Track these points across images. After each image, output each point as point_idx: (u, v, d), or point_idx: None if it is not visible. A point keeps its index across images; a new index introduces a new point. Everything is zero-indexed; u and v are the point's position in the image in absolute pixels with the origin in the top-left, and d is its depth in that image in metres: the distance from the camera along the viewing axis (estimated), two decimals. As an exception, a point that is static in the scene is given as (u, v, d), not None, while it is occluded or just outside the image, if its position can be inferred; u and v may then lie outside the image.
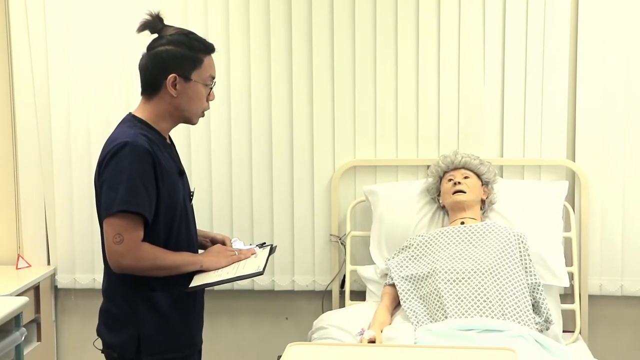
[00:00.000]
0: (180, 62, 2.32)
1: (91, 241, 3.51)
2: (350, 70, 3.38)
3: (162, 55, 2.33)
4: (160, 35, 2.37)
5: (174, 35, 2.36)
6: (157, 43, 2.36)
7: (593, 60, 3.27)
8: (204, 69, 2.37)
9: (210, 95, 2.42)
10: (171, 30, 2.38)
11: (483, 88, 3.34)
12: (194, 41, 2.37)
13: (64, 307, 3.67)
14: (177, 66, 2.32)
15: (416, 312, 2.82)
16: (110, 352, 2.39)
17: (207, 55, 2.39)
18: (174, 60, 2.32)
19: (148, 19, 2.37)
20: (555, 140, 3.32)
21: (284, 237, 3.46)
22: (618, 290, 3.33)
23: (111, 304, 2.38)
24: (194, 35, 2.39)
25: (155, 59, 2.33)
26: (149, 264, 2.27)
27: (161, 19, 2.38)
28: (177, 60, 2.32)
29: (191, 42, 2.36)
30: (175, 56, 2.32)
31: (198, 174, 3.46)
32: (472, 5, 3.31)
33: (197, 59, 2.35)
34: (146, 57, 2.36)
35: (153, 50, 2.35)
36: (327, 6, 3.36)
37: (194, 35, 2.39)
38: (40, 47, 3.47)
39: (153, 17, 2.37)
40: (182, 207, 2.39)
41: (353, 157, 3.43)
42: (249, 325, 3.61)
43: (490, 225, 2.98)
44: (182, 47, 2.33)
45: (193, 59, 2.34)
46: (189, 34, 2.38)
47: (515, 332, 2.56)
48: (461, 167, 3.16)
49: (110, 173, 2.24)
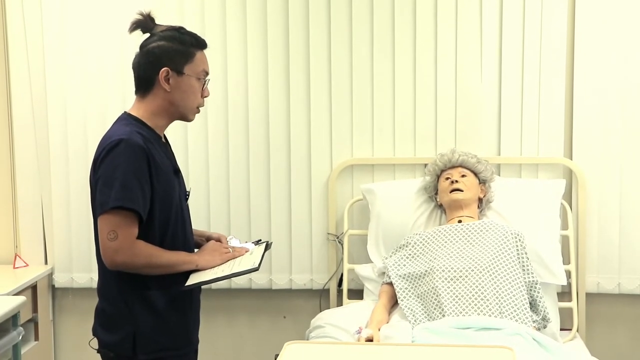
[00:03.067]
0: (172, 56, 2.33)
1: (88, 240, 3.49)
2: (347, 68, 3.38)
3: (154, 51, 2.33)
4: (152, 33, 2.38)
5: (165, 31, 2.37)
6: (149, 40, 2.37)
7: (590, 59, 3.27)
8: (196, 63, 2.37)
9: (205, 91, 2.42)
10: (162, 27, 2.39)
11: (480, 86, 3.34)
12: (185, 36, 2.38)
13: (62, 307, 3.67)
14: (169, 60, 2.32)
15: (414, 310, 2.82)
16: (106, 352, 2.39)
17: (199, 50, 2.39)
18: (166, 55, 2.32)
19: (139, 19, 2.38)
20: (553, 139, 3.32)
21: (281, 235, 3.46)
22: (615, 288, 3.34)
23: (106, 303, 2.37)
24: (185, 30, 2.40)
25: (147, 55, 2.34)
26: (144, 261, 2.26)
27: (152, 18, 2.39)
28: (169, 55, 2.33)
29: (182, 36, 2.37)
30: (167, 51, 2.33)
31: (195, 173, 3.46)
32: (469, 4, 3.31)
33: (189, 52, 2.36)
34: (139, 55, 2.37)
35: (145, 47, 2.36)
36: (324, 4, 3.36)
37: (185, 30, 2.40)
38: (37, 48, 3.47)
39: (144, 16, 2.38)
40: (177, 206, 2.39)
41: (350, 156, 3.43)
42: (246, 323, 3.61)
43: (487, 224, 2.98)
44: (173, 42, 2.34)
45: (185, 52, 2.35)
46: (180, 29, 2.40)
47: (513, 330, 2.56)
48: (458, 166, 3.16)
49: (105, 170, 2.24)
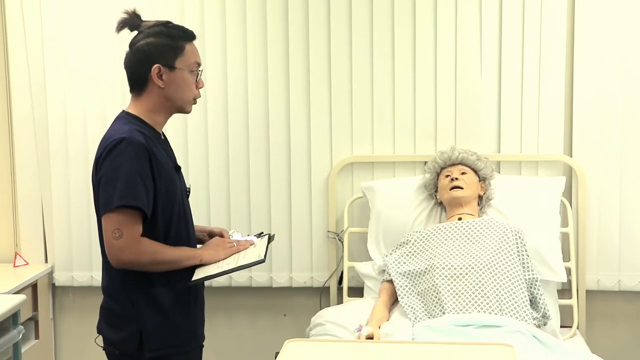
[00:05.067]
0: (162, 52, 2.33)
1: (89, 239, 3.51)
2: (347, 66, 3.38)
3: (144, 48, 2.33)
4: (139, 31, 2.38)
5: (152, 27, 2.36)
6: (137, 38, 2.37)
7: (590, 56, 3.27)
8: (187, 56, 2.37)
9: (199, 82, 2.42)
10: (150, 23, 2.38)
11: (480, 84, 3.34)
12: (172, 29, 2.37)
13: (62, 305, 3.67)
14: (160, 56, 2.32)
15: (414, 308, 2.82)
16: (112, 349, 2.39)
17: (188, 42, 2.38)
18: (155, 51, 2.32)
19: (125, 17, 2.38)
20: (553, 136, 3.32)
21: (281, 233, 3.46)
22: (615, 285, 3.34)
23: (112, 302, 2.38)
24: (172, 24, 2.40)
25: (137, 53, 2.34)
26: (149, 258, 2.27)
27: (138, 15, 2.39)
28: (159, 51, 2.32)
29: (170, 31, 2.36)
30: (156, 47, 2.32)
31: (195, 170, 3.46)
32: (469, 3, 3.31)
33: (179, 46, 2.35)
34: (129, 54, 2.37)
35: (135, 45, 2.36)
36: (324, 3, 3.35)
37: (172, 25, 2.39)
38: (36, 48, 3.47)
39: (130, 14, 2.38)
40: (180, 203, 2.39)
41: (350, 154, 3.43)
42: (246, 321, 3.61)
43: (487, 221, 2.98)
44: (161, 37, 2.34)
45: (174, 47, 2.34)
46: (167, 23, 2.39)
47: (513, 327, 2.56)
48: (458, 163, 3.16)
49: (108, 169, 2.24)
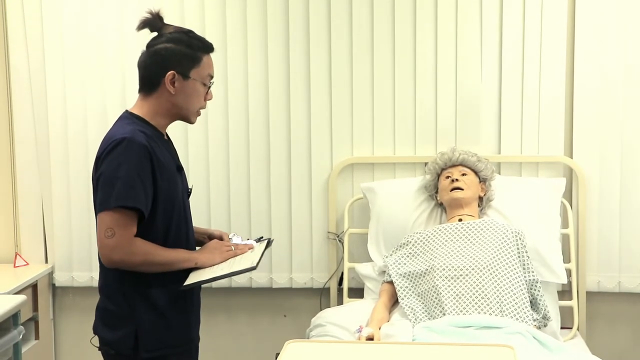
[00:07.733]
0: (180, 60, 2.34)
1: (89, 239, 3.51)
2: (347, 67, 3.38)
3: (162, 52, 2.34)
4: (160, 33, 2.38)
5: (174, 33, 2.37)
6: (157, 41, 2.37)
7: (590, 57, 3.27)
8: (203, 68, 2.38)
9: (208, 94, 2.43)
10: (171, 28, 2.39)
11: (480, 85, 3.34)
12: (193, 40, 2.38)
13: (62, 305, 3.67)
14: (177, 64, 2.33)
15: (414, 309, 2.82)
16: (107, 349, 2.39)
17: (206, 54, 2.40)
18: (173, 58, 2.33)
19: (148, 17, 2.38)
20: (553, 137, 3.32)
21: (282, 234, 3.46)
22: (616, 287, 3.34)
23: (108, 301, 2.38)
24: (194, 34, 2.41)
25: (154, 56, 2.35)
26: (140, 259, 2.26)
27: (161, 18, 2.40)
28: (177, 58, 2.33)
29: (191, 40, 2.37)
30: (174, 54, 2.33)
31: (195, 171, 3.46)
32: (470, 2, 3.31)
33: (197, 57, 2.36)
34: (145, 54, 2.37)
35: (153, 47, 2.36)
36: (324, 3, 3.36)
37: (193, 34, 2.40)
38: (37, 47, 3.47)
39: (153, 15, 2.38)
40: (180, 203, 2.39)
41: (351, 155, 3.43)
42: (247, 322, 3.61)
43: (488, 222, 2.98)
44: (181, 45, 2.35)
45: (192, 57, 2.36)
46: (189, 32, 2.40)
47: (513, 328, 2.56)
48: (459, 164, 3.16)
49: (107, 168, 2.25)
